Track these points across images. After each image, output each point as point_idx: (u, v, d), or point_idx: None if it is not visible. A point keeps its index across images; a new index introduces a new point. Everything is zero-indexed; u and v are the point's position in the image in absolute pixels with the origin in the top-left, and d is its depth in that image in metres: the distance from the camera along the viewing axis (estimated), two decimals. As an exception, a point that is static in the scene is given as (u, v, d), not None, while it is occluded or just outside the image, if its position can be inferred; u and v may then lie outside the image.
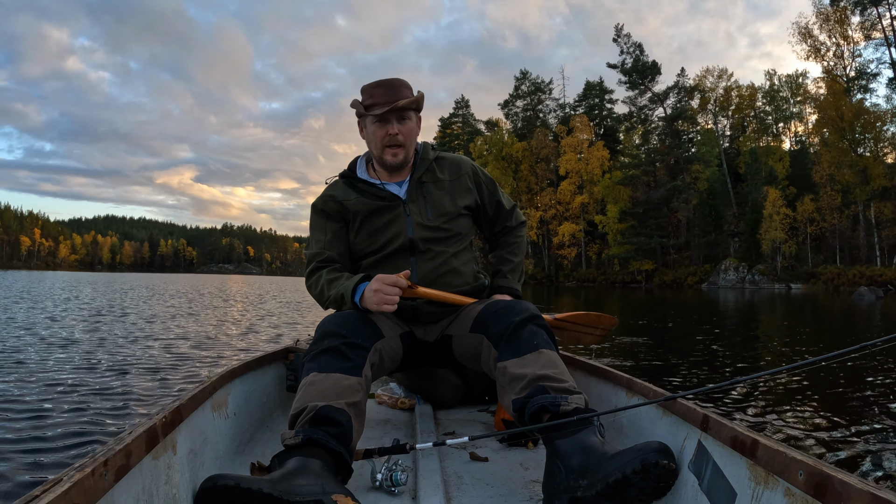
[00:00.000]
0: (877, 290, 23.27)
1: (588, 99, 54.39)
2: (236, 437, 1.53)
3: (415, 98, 1.64)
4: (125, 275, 61.60)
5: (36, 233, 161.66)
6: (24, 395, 3.26)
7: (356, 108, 1.69)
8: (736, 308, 14.60)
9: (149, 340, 5.94)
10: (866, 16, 37.51)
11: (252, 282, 46.31)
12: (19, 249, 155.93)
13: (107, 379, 3.77)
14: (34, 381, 3.65)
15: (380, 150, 1.66)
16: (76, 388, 3.44)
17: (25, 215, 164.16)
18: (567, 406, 1.22)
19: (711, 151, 42.98)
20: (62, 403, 3.05)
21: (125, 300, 13.52)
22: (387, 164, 1.68)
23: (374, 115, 1.63)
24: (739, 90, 44.92)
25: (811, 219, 36.60)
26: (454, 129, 60.44)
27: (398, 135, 1.63)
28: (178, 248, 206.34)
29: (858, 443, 2.46)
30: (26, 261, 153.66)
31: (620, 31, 46.47)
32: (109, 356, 4.79)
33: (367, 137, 1.70)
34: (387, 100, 1.62)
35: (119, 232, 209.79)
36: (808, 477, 0.82)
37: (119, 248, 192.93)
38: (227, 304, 13.21)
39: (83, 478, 0.76)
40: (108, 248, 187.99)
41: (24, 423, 2.65)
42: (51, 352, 4.98)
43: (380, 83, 1.64)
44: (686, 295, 24.86)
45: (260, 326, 7.91)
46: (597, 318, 2.05)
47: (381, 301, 1.48)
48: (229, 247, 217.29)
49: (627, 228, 43.01)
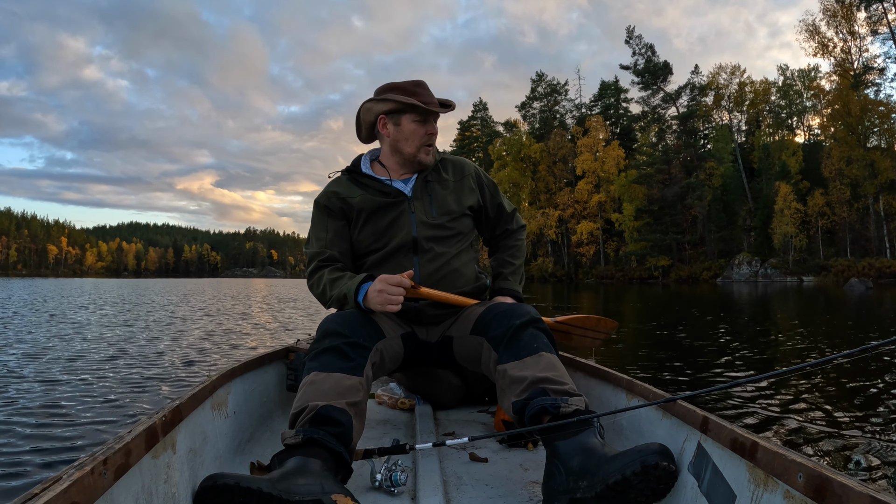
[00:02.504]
0: (866, 281, 25.39)
1: (604, 99, 55.31)
2: (236, 436, 1.53)
3: (454, 103, 1.72)
4: (151, 280, 62.08)
5: (63, 241, 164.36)
6: (25, 395, 3.26)
7: (399, 102, 1.63)
8: (746, 302, 14.99)
9: (152, 340, 5.95)
10: (871, 11, 37.89)
11: (275, 284, 46.73)
12: (47, 258, 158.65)
13: (107, 378, 3.78)
14: (34, 381, 3.66)
15: (416, 148, 1.68)
16: (76, 388, 3.44)
17: (52, 224, 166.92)
18: (567, 408, 1.22)
19: (726, 147, 43.66)
20: (62, 402, 3.06)
21: (150, 304, 13.52)
22: (419, 163, 1.70)
23: (416, 113, 1.65)
24: (753, 85, 45.55)
25: (822, 212, 37.35)
26: (473, 132, 61.08)
27: (435, 135, 1.69)
28: (203, 252, 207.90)
29: (859, 445, 2.45)
30: (54, 268, 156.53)
31: (632, 32, 47.64)
32: (110, 355, 4.79)
33: (401, 134, 1.68)
34: (431, 100, 1.65)
35: (143, 238, 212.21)
36: (808, 479, 0.82)
37: (144, 254, 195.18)
38: (247, 305, 13.22)
39: (82, 476, 0.76)
40: (133, 254, 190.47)
41: (24, 423, 2.66)
42: (52, 352, 4.98)
43: (419, 83, 1.68)
44: (701, 289, 25.45)
45: (272, 325, 7.92)
46: (597, 322, 2.05)
47: (386, 301, 1.47)
48: (253, 251, 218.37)
49: (643, 226, 44.02)
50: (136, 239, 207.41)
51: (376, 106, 1.68)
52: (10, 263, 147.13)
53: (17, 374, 3.88)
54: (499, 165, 54.42)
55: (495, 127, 61.37)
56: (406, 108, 1.64)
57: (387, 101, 1.65)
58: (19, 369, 4.05)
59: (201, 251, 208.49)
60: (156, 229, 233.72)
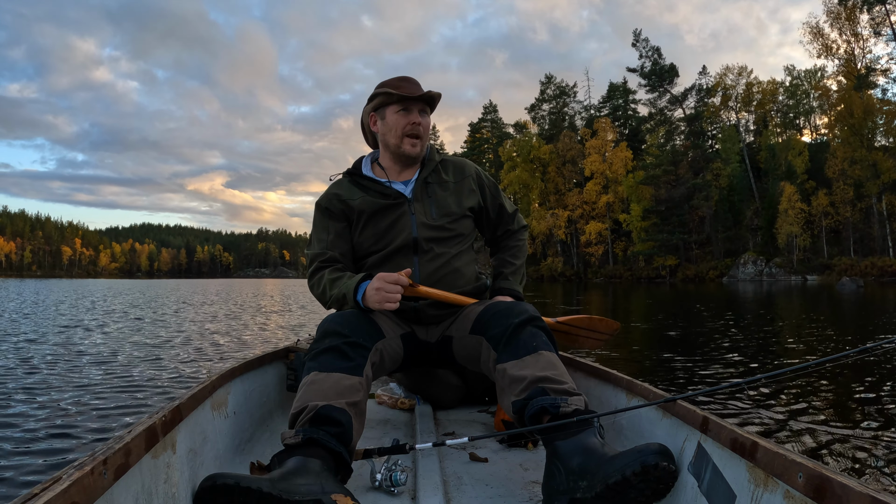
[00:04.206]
0: (857, 280, 26.64)
1: (612, 100, 55.94)
2: (236, 436, 1.53)
3: (439, 93, 1.70)
4: (164, 281, 62.43)
5: (77, 242, 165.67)
6: (25, 394, 3.26)
7: (382, 94, 1.67)
8: (750, 300, 15.28)
9: (155, 340, 5.95)
10: (874, 13, 38.11)
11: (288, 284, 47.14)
12: (61, 259, 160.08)
13: (107, 378, 3.78)
14: (34, 381, 3.66)
15: (399, 139, 1.67)
16: (76, 388, 3.44)
17: (66, 226, 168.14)
18: (567, 408, 1.21)
19: (733, 148, 44.18)
20: (62, 402, 3.06)
21: (159, 303, 13.53)
22: (404, 155, 1.69)
23: (398, 104, 1.65)
24: (761, 86, 45.96)
25: (825, 212, 37.78)
26: (483, 133, 61.50)
27: (419, 125, 1.67)
28: (215, 253, 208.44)
29: (858, 445, 2.45)
30: (68, 270, 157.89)
31: (639, 35, 48.61)
32: (110, 356, 4.79)
33: (385, 127, 1.70)
34: (413, 91, 1.65)
35: (156, 239, 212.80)
36: (808, 479, 0.82)
37: (157, 255, 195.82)
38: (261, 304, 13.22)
39: (82, 476, 0.76)
40: (146, 255, 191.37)
41: (25, 423, 2.66)
42: (54, 351, 4.98)
43: (405, 77, 1.69)
44: (707, 288, 25.97)
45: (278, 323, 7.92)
46: (599, 323, 2.04)
47: (384, 299, 1.47)
48: (265, 251, 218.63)
49: (651, 226, 44.76)
50: (149, 240, 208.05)
51: (367, 106, 1.73)
52: (25, 265, 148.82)
53: (17, 373, 3.88)
54: (509, 167, 55.00)
55: (505, 128, 61.91)
56: (387, 99, 1.67)
57: (373, 97, 1.70)
58: (20, 368, 4.05)
59: (213, 252, 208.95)
60: (168, 230, 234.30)
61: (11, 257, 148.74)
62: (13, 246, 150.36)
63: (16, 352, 4.91)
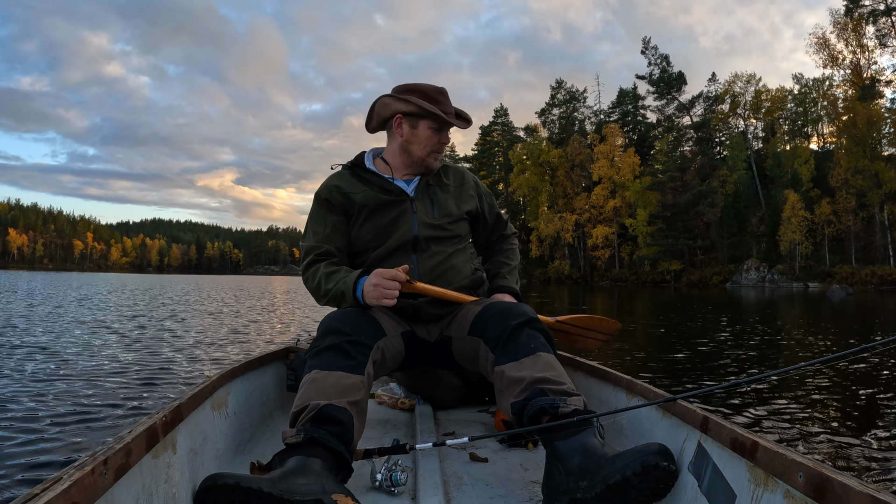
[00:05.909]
0: (847, 288, 27.93)
1: (622, 105, 56.44)
2: (236, 436, 1.53)
3: (471, 121, 1.78)
4: (174, 276, 62.53)
5: (88, 236, 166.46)
6: (25, 394, 3.26)
7: (417, 105, 1.64)
8: (751, 306, 15.51)
9: (156, 340, 5.95)
10: (880, 24, 38.36)
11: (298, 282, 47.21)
12: (72, 252, 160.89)
13: (108, 378, 3.78)
14: (35, 381, 3.66)
15: (426, 153, 1.71)
16: (77, 388, 3.44)
17: (78, 220, 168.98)
18: (566, 408, 1.21)
19: (739, 155, 44.52)
20: (63, 402, 3.06)
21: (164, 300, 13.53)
22: (426, 166, 1.73)
23: (434, 121, 1.67)
24: (769, 93, 46.30)
25: (828, 221, 38.06)
26: (494, 137, 61.84)
27: (446, 144, 1.74)
28: (225, 250, 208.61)
29: (858, 444, 2.45)
30: (79, 263, 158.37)
31: (648, 43, 49.45)
32: (111, 355, 4.79)
33: (415, 138, 1.69)
34: (450, 110, 1.70)
35: (166, 235, 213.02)
36: (808, 479, 0.82)
37: (167, 250, 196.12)
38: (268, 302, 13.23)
39: (83, 476, 0.76)
40: (156, 250, 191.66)
41: (25, 423, 2.66)
42: (54, 351, 4.98)
43: (442, 91, 1.70)
44: (711, 293, 26.33)
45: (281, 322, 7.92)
46: (599, 322, 2.03)
47: (381, 295, 1.47)
48: (275, 249, 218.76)
49: (656, 231, 45.24)
50: (159, 235, 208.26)
51: (396, 104, 1.68)
52: (37, 258, 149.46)
53: (18, 373, 3.88)
54: (518, 170, 55.31)
55: (516, 132, 62.34)
56: (426, 114, 1.66)
57: (409, 102, 1.65)
58: (19, 368, 4.05)
59: (223, 248, 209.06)
60: (178, 226, 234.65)
61: (24, 250, 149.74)
62: (25, 239, 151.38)
63: (16, 352, 4.91)
